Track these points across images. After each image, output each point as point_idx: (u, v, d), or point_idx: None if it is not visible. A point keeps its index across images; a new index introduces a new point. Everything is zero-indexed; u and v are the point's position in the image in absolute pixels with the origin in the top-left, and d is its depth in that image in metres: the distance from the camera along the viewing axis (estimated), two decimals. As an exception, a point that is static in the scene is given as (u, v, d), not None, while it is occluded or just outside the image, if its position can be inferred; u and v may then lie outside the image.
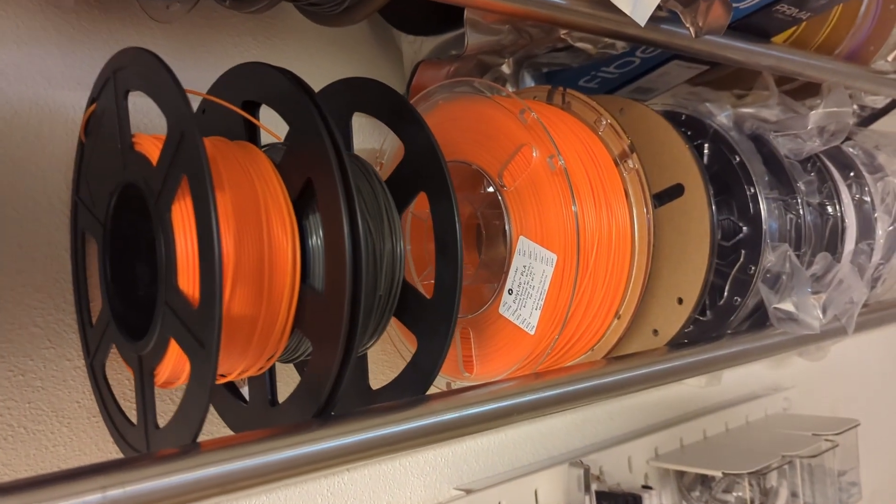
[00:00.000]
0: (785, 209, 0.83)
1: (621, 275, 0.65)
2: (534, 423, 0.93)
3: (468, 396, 0.56)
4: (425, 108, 0.71)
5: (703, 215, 0.71)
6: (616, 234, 0.64)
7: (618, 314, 0.67)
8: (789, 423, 1.15)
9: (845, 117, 0.86)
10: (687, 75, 0.96)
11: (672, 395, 1.09)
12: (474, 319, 0.67)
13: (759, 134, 0.86)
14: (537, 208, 0.61)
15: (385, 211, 0.55)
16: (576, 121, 0.68)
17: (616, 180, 0.65)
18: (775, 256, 0.79)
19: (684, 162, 0.72)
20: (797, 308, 0.78)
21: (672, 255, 0.73)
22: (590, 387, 0.63)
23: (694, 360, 0.72)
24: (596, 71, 0.89)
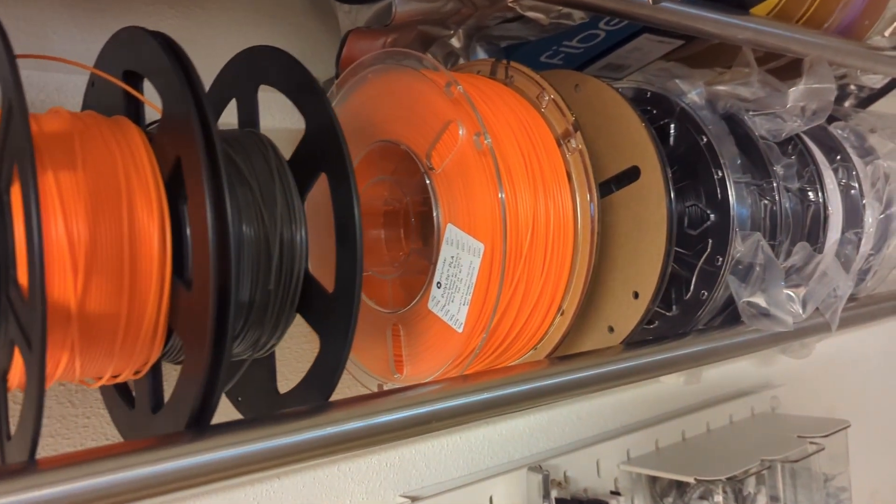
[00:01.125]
0: (759, 195, 0.76)
1: (563, 266, 0.59)
2: (493, 424, 0.87)
3: (377, 403, 0.50)
4: (354, 83, 0.65)
5: (659, 201, 0.64)
6: (555, 221, 0.57)
7: (561, 309, 0.61)
8: (776, 423, 1.08)
9: (828, 94, 0.79)
10: (661, 51, 0.89)
11: (649, 393, 1.03)
12: (404, 315, 0.61)
13: (733, 113, 0.79)
14: (465, 192, 0.55)
15: (283, 194, 0.49)
16: (515, 96, 0.61)
17: (557, 162, 0.59)
18: (746, 246, 0.72)
19: (640, 143, 0.65)
20: (769, 303, 0.72)
21: (628, 244, 0.67)
22: (527, 390, 0.57)
23: (651, 361, 0.66)
24: (558, 45, 0.82)
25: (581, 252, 0.59)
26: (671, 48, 0.89)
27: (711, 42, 0.93)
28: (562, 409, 0.93)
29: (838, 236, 0.86)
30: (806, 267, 0.80)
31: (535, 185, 0.56)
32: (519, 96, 0.62)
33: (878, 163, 0.87)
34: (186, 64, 0.44)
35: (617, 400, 0.99)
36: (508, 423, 0.88)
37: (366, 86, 0.64)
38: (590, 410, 0.96)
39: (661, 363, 0.67)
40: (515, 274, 0.55)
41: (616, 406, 0.99)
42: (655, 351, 0.67)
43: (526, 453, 0.89)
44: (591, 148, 0.69)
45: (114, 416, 0.55)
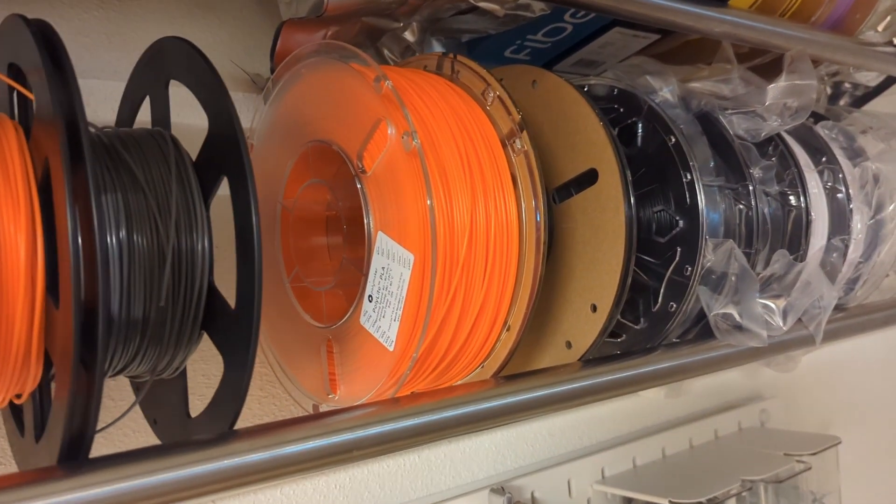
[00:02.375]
0: (734, 199, 0.71)
1: (507, 278, 0.54)
2: (455, 442, 0.82)
3: (287, 432, 0.45)
4: (289, 79, 0.60)
5: (617, 207, 0.59)
6: (497, 228, 0.52)
7: (507, 324, 0.56)
8: (764, 439, 1.02)
9: (809, 91, 0.73)
10: (637, 46, 0.84)
11: (627, 406, 0.98)
12: (338, 330, 0.56)
13: (707, 111, 0.74)
14: (395, 197, 0.50)
15: (185, 200, 0.44)
16: (458, 93, 0.56)
17: (502, 164, 0.54)
18: (717, 254, 0.67)
19: (598, 143, 0.60)
20: (743, 316, 0.66)
21: (585, 253, 0.62)
22: (465, 414, 0.52)
23: (610, 379, 0.61)
24: (522, 40, 0.77)
25: (526, 262, 0.54)
26: (647, 43, 0.84)
27: (690, 37, 0.88)
28: (531, 425, 0.88)
29: (823, 243, 0.80)
30: (786, 276, 0.75)
31: (475, 189, 0.52)
32: (463, 93, 0.57)
33: (865, 164, 0.82)
34: (59, 56, 0.39)
35: (592, 414, 0.94)
36: (472, 440, 0.83)
37: (300, 81, 0.59)
38: (562, 426, 0.91)
39: (622, 382, 0.62)
40: (451, 287, 0.50)
41: (591, 421, 0.94)
42: (616, 368, 0.62)
43: (491, 472, 0.84)
44: (548, 149, 0.64)
45: (10, 443, 0.50)
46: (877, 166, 0.81)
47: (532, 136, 0.65)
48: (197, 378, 0.66)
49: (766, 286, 0.75)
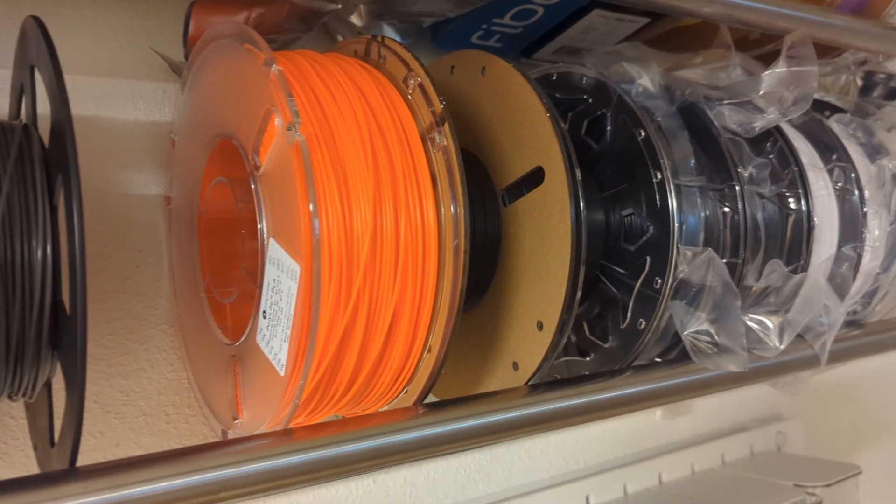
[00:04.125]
0: (719, 202, 0.62)
1: (425, 293, 0.47)
2: (418, 465, 0.75)
3: (138, 470, 0.39)
4: (199, 66, 0.54)
5: (563, 211, 0.51)
6: (410, 235, 0.45)
7: (428, 346, 0.48)
8: (776, 466, 0.93)
9: (810, 79, 0.64)
10: (623, 31, 0.76)
11: (621, 426, 0.89)
12: (240, 349, 0.50)
13: (691, 103, 0.65)
14: (284, 198, 0.44)
15: (24, 201, 0.39)
16: (375, 80, 0.49)
17: (419, 161, 0.47)
18: (693, 265, 0.58)
19: (545, 138, 0.53)
20: (720, 335, 0.58)
21: (532, 263, 0.54)
22: (372, 448, 0.45)
23: (557, 408, 0.53)
24: (488, 24, 0.70)
25: (446, 275, 0.47)
26: (636, 27, 0.76)
27: (683, 21, 0.79)
28: (508, 446, 0.81)
29: (832, 252, 0.71)
30: (784, 289, 0.66)
31: (381, 190, 0.45)
32: (385, 81, 0.50)
33: (881, 162, 0.72)
34: None
35: (580, 435, 0.86)
36: (438, 462, 0.76)
37: (208, 68, 0.53)
38: (544, 447, 0.83)
39: (574, 410, 0.54)
40: (350, 303, 0.44)
41: (578, 442, 0.86)
42: (567, 395, 0.55)
43: (459, 499, 0.77)
44: (497, 143, 0.57)
45: None
46: (895, 164, 0.71)
47: (479, 129, 0.58)
48: (113, 395, 0.60)
49: (762, 300, 0.67)
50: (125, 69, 0.62)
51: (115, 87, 0.61)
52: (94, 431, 0.60)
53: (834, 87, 1.01)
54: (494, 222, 0.56)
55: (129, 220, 0.61)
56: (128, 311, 0.61)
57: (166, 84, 0.63)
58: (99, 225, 0.60)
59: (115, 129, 0.61)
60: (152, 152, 0.62)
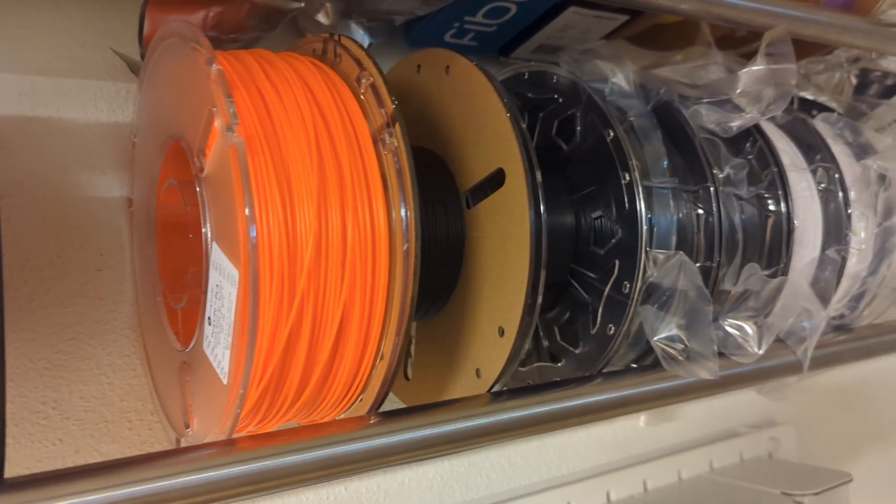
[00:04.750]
0: (693, 204, 0.60)
1: (375, 298, 0.45)
2: (391, 472, 0.73)
3: (63, 483, 0.38)
4: (154, 65, 0.53)
5: (522, 214, 0.50)
6: (358, 240, 0.44)
7: (381, 353, 0.47)
8: (766, 473, 0.91)
9: (788, 77, 0.62)
10: (602, 28, 0.74)
11: (605, 431, 0.88)
12: (190, 355, 0.49)
13: (666, 102, 0.63)
14: (225, 201, 0.42)
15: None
16: (328, 80, 0.48)
17: (370, 163, 0.45)
18: (663, 269, 0.57)
19: (505, 138, 0.51)
20: (690, 341, 0.56)
21: (493, 267, 0.53)
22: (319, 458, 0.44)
23: (520, 416, 0.52)
24: (461, 22, 0.68)
25: (397, 280, 0.45)
26: (615, 24, 0.74)
27: (664, 19, 0.78)
28: (488, 452, 0.79)
29: (816, 254, 0.69)
30: (762, 294, 0.64)
31: (327, 192, 0.43)
32: (339, 81, 0.49)
33: (866, 162, 0.70)
34: None
35: (562, 441, 0.84)
36: (414, 469, 0.75)
37: (160, 68, 0.52)
38: (525, 454, 0.82)
39: (538, 418, 0.53)
40: (291, 310, 0.42)
41: (560, 448, 0.84)
42: (530, 403, 0.53)
43: (435, 508, 0.75)
44: (460, 144, 0.56)
45: None
46: (878, 164, 0.69)
47: (444, 130, 0.57)
48: (73, 401, 0.59)
49: (741, 305, 0.65)
50: (86, 69, 0.61)
51: (76, 88, 0.60)
52: (53, 438, 0.59)
53: (827, 85, 0.99)
54: (457, 225, 0.55)
55: (91, 223, 0.60)
56: (89, 316, 0.60)
57: (129, 84, 0.61)
58: (60, 228, 0.59)
59: (77, 130, 0.60)
60: (114, 154, 0.61)
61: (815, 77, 0.97)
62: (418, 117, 0.59)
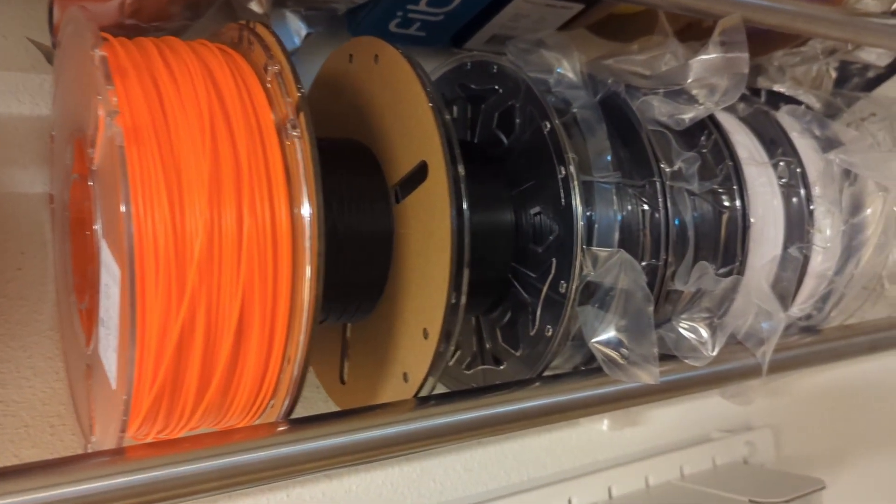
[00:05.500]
0: (639, 200, 0.58)
1: (278, 299, 0.43)
2: (338, 478, 0.71)
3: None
4: (60, 56, 0.50)
5: (444, 210, 0.47)
6: (256, 237, 0.41)
7: (287, 356, 0.45)
8: (737, 479, 0.88)
9: (740, 66, 0.59)
10: (556, 18, 0.71)
11: (573, 436, 0.85)
12: (91, 357, 0.47)
13: (614, 93, 0.61)
14: (110, 196, 0.40)
15: None
16: (233, 69, 0.45)
17: (273, 156, 0.43)
18: (603, 268, 0.54)
19: (428, 130, 0.49)
20: (630, 344, 0.54)
21: (418, 267, 0.50)
22: (213, 468, 0.41)
23: (443, 423, 0.49)
24: (404, 11, 0.66)
25: (301, 278, 0.43)
26: (570, 14, 0.71)
27: (620, 7, 0.75)
28: (442, 457, 0.76)
29: (777, 252, 0.66)
30: (716, 294, 0.61)
31: (221, 185, 0.41)
32: (248, 69, 0.46)
33: (828, 157, 0.67)
34: None
35: (523, 445, 0.81)
36: (362, 476, 0.72)
37: (65, 56, 0.49)
38: (483, 459, 0.79)
39: (467, 425, 0.50)
40: (180, 312, 0.40)
41: (521, 452, 0.81)
42: (459, 409, 0.50)
43: (384, 515, 0.73)
44: (387, 136, 0.53)
45: None
46: (842, 158, 0.66)
47: (373, 121, 0.54)
48: (-9, 405, 0.57)
49: (694, 306, 0.62)
50: (7, 61, 0.58)
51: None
52: (-30, 443, 0.57)
53: (806, 78, 0.96)
54: (384, 221, 0.52)
55: (13, 221, 0.58)
56: (9, 317, 0.58)
57: (51, 76, 0.59)
58: (-22, 225, 0.57)
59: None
60: (37, 148, 0.59)
61: (791, 70, 0.93)
62: (350, 108, 0.57)
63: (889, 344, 0.77)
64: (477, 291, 0.58)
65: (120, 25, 0.54)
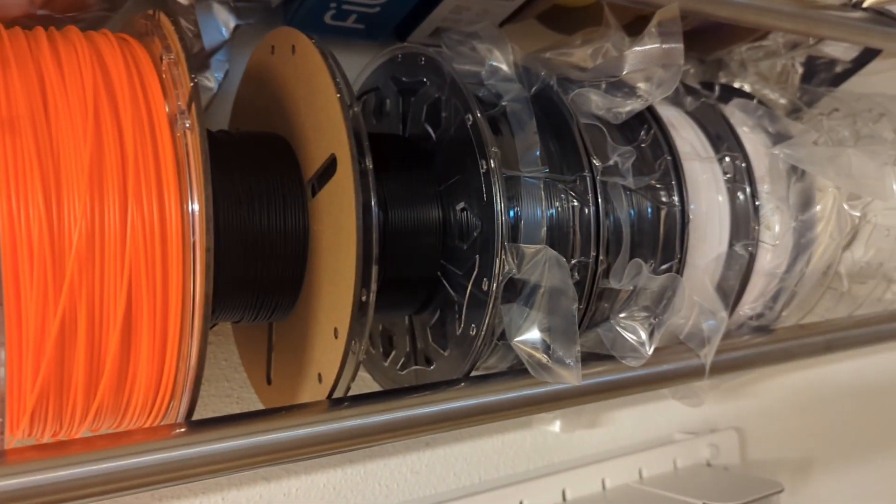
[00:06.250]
0: (569, 195, 0.56)
1: (169, 296, 0.41)
2: (277, 481, 0.69)
3: None
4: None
5: (351, 205, 0.46)
6: (142, 232, 0.40)
7: (182, 355, 0.43)
8: (694, 481, 0.86)
9: (675, 57, 0.58)
10: (500, 10, 0.70)
11: (527, 437, 0.83)
12: None
13: (547, 86, 0.59)
14: None
15: None
16: (127, 59, 0.44)
17: (163, 150, 0.41)
18: (529, 265, 0.52)
19: (336, 123, 0.47)
20: (552, 344, 0.52)
21: (329, 263, 0.49)
22: (98, 472, 0.40)
23: (355, 425, 0.47)
24: (338, 3, 0.64)
25: (196, 275, 0.41)
26: (515, 5, 0.70)
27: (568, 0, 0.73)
28: (388, 459, 0.75)
29: (722, 250, 0.64)
30: (654, 292, 0.59)
31: (104, 179, 0.39)
32: (146, 59, 0.45)
33: (772, 151, 0.65)
34: None
35: (474, 447, 0.80)
36: (303, 479, 0.71)
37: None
38: (431, 461, 0.77)
39: (380, 427, 0.49)
40: (57, 310, 0.38)
41: (472, 455, 0.80)
42: (374, 410, 0.49)
43: (323, 519, 0.71)
44: (302, 129, 0.52)
45: None
46: (786, 153, 0.64)
47: (290, 113, 0.53)
48: None
49: (632, 305, 0.60)
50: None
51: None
52: None
53: (771, 73, 0.94)
54: (298, 217, 0.50)
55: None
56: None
57: None
58: None
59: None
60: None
61: (755, 65, 0.92)
62: (272, 101, 0.55)
63: (845, 344, 0.75)
64: (404, 290, 0.57)
65: (31, 17, 0.53)
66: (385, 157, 0.55)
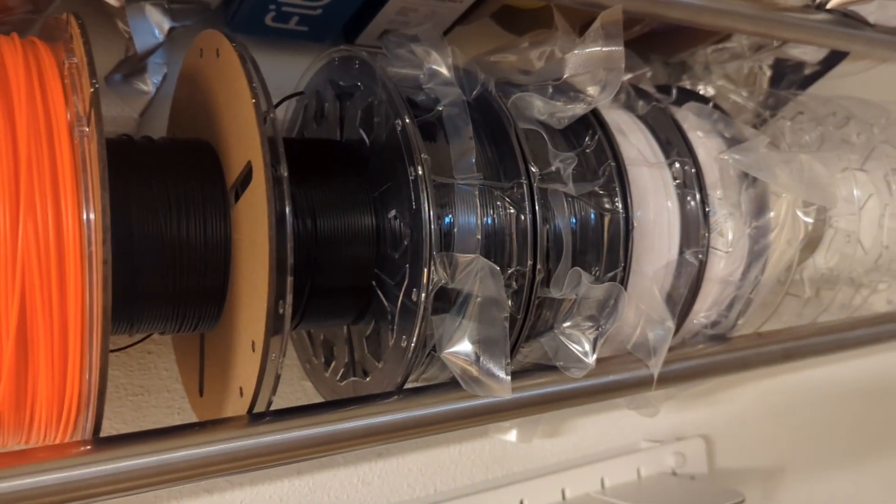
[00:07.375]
0: (506, 203, 0.54)
1: (67, 309, 0.40)
2: (221, 492, 0.68)
3: None
4: None
5: (263, 213, 0.44)
6: (35, 243, 0.38)
7: (84, 368, 0.41)
8: (655, 491, 0.84)
9: (616, 60, 0.56)
10: (448, 12, 0.68)
11: (486, 447, 0.81)
12: None
13: (486, 89, 0.58)
14: None
15: None
16: (28, 62, 0.42)
17: (62, 157, 0.40)
18: (461, 275, 0.51)
19: (251, 128, 0.45)
20: (480, 357, 0.50)
21: (247, 275, 0.47)
22: None
23: (268, 441, 0.46)
24: (277, 5, 0.62)
25: (94, 287, 0.40)
26: (463, 7, 0.68)
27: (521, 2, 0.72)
28: (338, 469, 0.73)
29: (672, 258, 0.63)
30: (596, 301, 0.58)
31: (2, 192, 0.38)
32: (52, 63, 0.43)
33: (720, 157, 0.64)
34: None
35: (429, 457, 0.78)
36: (250, 490, 0.69)
37: None
38: (384, 471, 0.76)
39: (301, 443, 0.47)
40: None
41: (428, 464, 0.78)
42: (296, 425, 0.47)
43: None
44: (225, 135, 0.50)
45: None
46: (734, 158, 0.63)
47: (214, 119, 0.51)
48: None
49: (575, 314, 0.59)
50: None
51: None
52: None
53: (739, 76, 0.92)
54: (219, 226, 0.49)
55: None
56: None
57: None
58: None
59: None
60: None
61: (721, 67, 0.90)
62: (199, 106, 0.54)
63: (804, 353, 0.74)
64: (337, 299, 0.56)
65: (-51, 19, 0.51)
66: (316, 164, 0.54)
